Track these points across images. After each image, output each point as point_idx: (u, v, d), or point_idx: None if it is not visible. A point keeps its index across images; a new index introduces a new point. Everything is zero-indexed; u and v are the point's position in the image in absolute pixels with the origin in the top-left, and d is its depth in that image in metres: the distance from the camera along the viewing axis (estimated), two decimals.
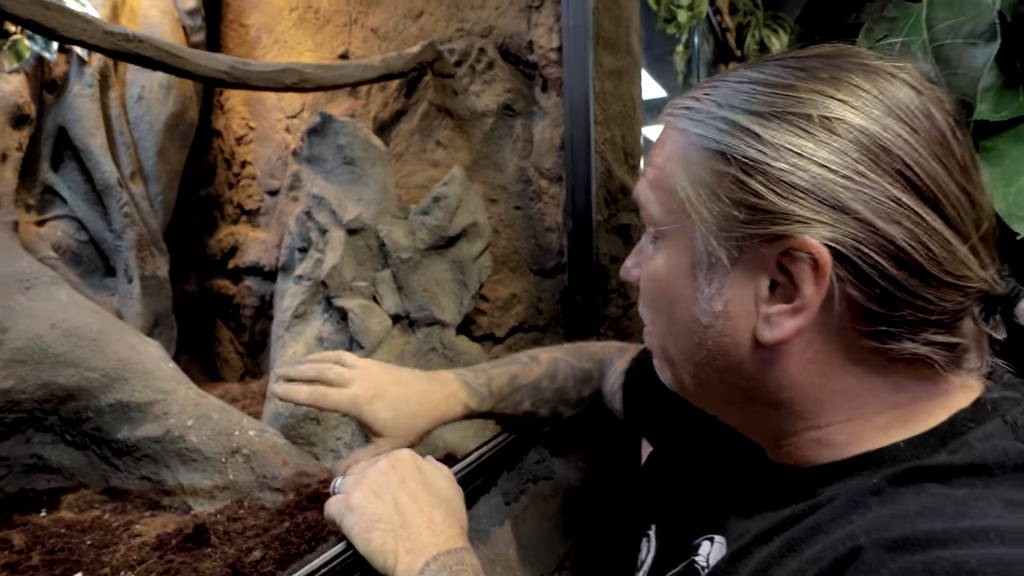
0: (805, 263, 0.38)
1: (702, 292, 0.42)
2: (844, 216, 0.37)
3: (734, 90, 0.42)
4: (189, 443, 0.86)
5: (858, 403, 0.41)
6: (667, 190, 0.44)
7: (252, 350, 1.48)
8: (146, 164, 1.28)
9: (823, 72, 0.40)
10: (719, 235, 0.41)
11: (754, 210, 0.39)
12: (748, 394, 0.44)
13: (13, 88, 1.15)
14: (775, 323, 0.40)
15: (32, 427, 0.90)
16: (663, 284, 0.45)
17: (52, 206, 1.21)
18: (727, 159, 0.40)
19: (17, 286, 0.97)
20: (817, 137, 0.38)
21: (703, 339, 0.43)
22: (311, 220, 1.09)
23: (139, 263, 1.20)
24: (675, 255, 0.44)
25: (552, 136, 1.11)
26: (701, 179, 0.41)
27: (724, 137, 0.40)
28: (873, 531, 0.34)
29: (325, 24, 1.39)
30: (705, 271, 0.42)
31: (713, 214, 0.41)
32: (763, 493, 0.47)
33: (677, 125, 0.44)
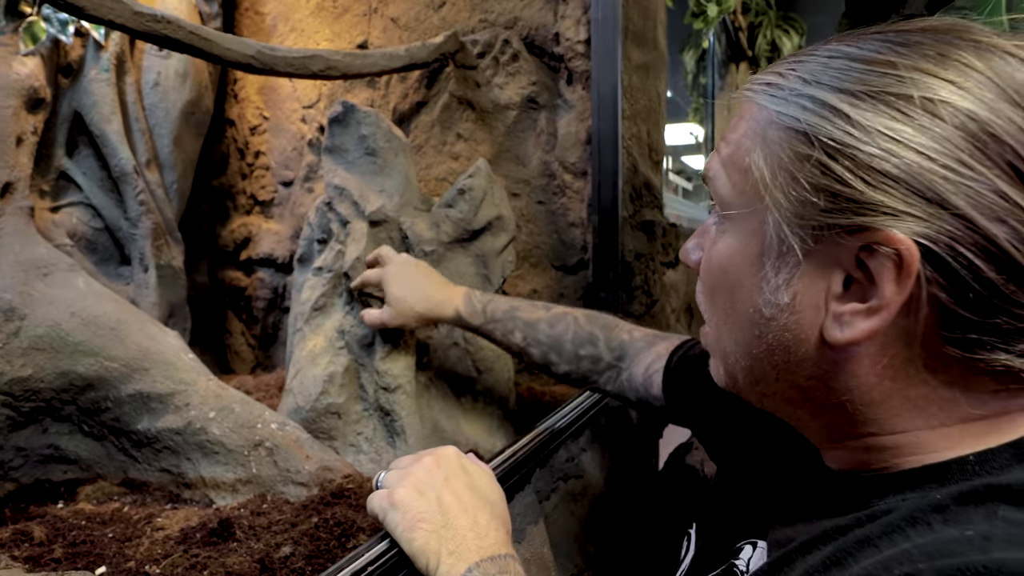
0: (888, 259, 0.35)
1: (768, 282, 0.39)
2: (940, 210, 0.33)
3: (824, 65, 0.38)
4: (211, 435, 0.85)
5: (930, 413, 0.38)
6: (741, 169, 0.40)
7: (264, 343, 1.46)
8: (162, 152, 1.27)
9: (928, 48, 0.36)
10: (794, 222, 0.37)
11: (836, 197, 0.35)
12: (807, 393, 0.41)
13: (29, 71, 1.13)
14: (847, 322, 0.37)
15: (49, 417, 0.89)
16: (725, 270, 0.42)
17: (67, 192, 1.19)
18: (811, 140, 0.36)
19: (35, 272, 0.95)
20: (917, 121, 0.34)
21: (764, 332, 0.40)
22: (332, 211, 1.08)
23: (155, 252, 1.19)
24: (742, 239, 0.41)
25: (578, 130, 1.10)
26: (779, 160, 0.38)
27: (809, 116, 0.37)
28: (935, 555, 0.31)
29: (344, 13, 1.37)
30: (774, 259, 0.39)
31: (790, 199, 0.37)
32: (811, 498, 0.45)
33: (757, 101, 0.40)
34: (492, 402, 1.01)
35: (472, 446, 0.93)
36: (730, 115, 0.46)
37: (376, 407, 0.93)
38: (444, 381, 0.98)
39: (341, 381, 0.95)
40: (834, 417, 0.41)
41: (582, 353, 0.81)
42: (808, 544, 0.40)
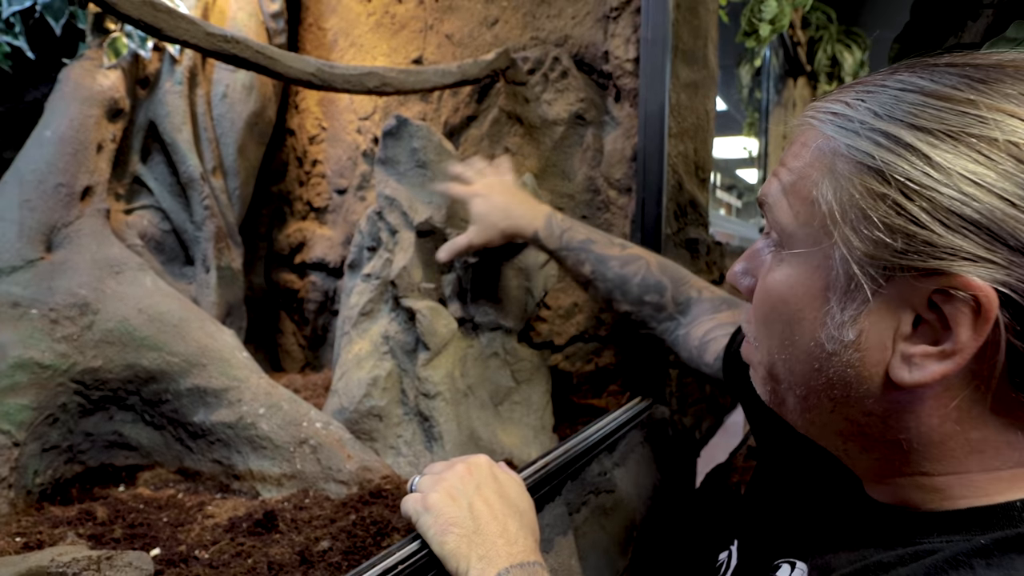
0: (966, 304, 0.34)
1: (833, 318, 0.38)
2: (1021, 258, 0.33)
3: (896, 99, 0.37)
4: (260, 430, 0.90)
5: (986, 456, 0.38)
6: (806, 200, 0.39)
7: (313, 343, 1.52)
8: (227, 159, 1.34)
9: (1010, 87, 0.34)
10: (864, 260, 0.36)
11: (912, 239, 0.35)
12: (862, 428, 0.41)
13: (110, 83, 1.22)
14: (917, 364, 0.36)
15: (115, 405, 0.95)
16: (785, 300, 0.41)
17: (139, 196, 1.27)
18: (885, 179, 0.35)
19: (108, 271, 1.02)
20: (1001, 166, 0.33)
21: (824, 366, 0.40)
22: (382, 220, 1.12)
23: (216, 254, 1.25)
24: (805, 272, 0.40)
25: (624, 147, 1.11)
26: (851, 196, 0.37)
27: (884, 153, 0.35)
28: None
29: (401, 29, 1.42)
30: (840, 295, 0.38)
31: (861, 237, 0.36)
32: (855, 528, 0.44)
33: (823, 131, 0.39)
34: (529, 412, 1.02)
35: (507, 455, 0.94)
36: (787, 138, 0.45)
37: (416, 412, 0.96)
38: (483, 390, 1.00)
39: (384, 385, 0.98)
40: (887, 453, 0.41)
41: (647, 299, 0.83)
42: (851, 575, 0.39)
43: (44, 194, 1.05)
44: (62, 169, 1.09)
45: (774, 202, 0.42)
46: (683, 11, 1.05)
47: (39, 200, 1.05)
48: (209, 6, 1.36)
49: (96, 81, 1.20)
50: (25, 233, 1.01)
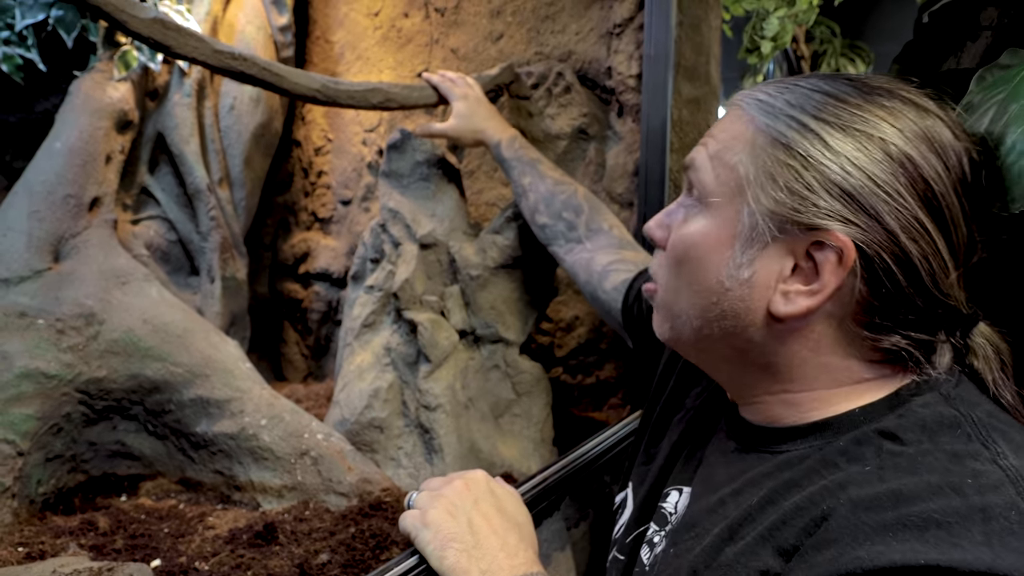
0: (833, 253, 0.44)
1: (735, 259, 0.48)
2: (876, 224, 0.44)
3: (807, 96, 0.48)
4: (262, 442, 0.90)
5: (833, 377, 0.48)
6: (727, 165, 0.49)
7: (316, 353, 1.52)
8: (233, 171, 1.35)
9: (886, 101, 0.46)
10: (767, 214, 0.46)
11: (804, 201, 0.45)
12: (743, 354, 0.50)
13: (120, 95, 1.24)
14: (791, 299, 0.46)
15: (119, 415, 0.96)
16: (696, 245, 0.50)
17: (147, 207, 1.29)
18: (791, 153, 0.46)
19: (114, 281, 1.03)
20: (872, 154, 0.44)
21: (720, 300, 0.49)
22: (385, 232, 1.13)
23: (221, 265, 1.27)
24: (718, 223, 0.49)
25: (626, 161, 1.11)
26: (763, 164, 0.47)
27: (792, 134, 0.46)
28: (847, 488, 0.41)
29: (407, 43, 1.43)
30: (743, 242, 0.48)
31: (767, 196, 0.46)
32: (732, 448, 0.53)
33: (749, 111, 0.49)
34: (529, 425, 1.03)
35: (507, 468, 0.95)
36: None
37: (417, 424, 0.96)
38: (483, 402, 1.01)
39: (385, 397, 0.99)
40: (759, 375, 0.50)
41: (564, 215, 0.93)
42: (737, 490, 0.49)
43: (53, 205, 1.07)
44: (71, 180, 1.10)
45: (700, 167, 0.51)
46: (686, 28, 1.06)
47: (48, 211, 1.06)
48: (218, 20, 1.38)
49: (106, 93, 1.22)
50: (33, 244, 1.02)
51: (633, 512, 0.61)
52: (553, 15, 1.21)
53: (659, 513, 0.56)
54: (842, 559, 0.37)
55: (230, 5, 1.42)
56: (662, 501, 0.57)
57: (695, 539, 0.49)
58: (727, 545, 0.45)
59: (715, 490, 0.51)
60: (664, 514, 0.56)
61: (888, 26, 2.02)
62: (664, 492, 0.57)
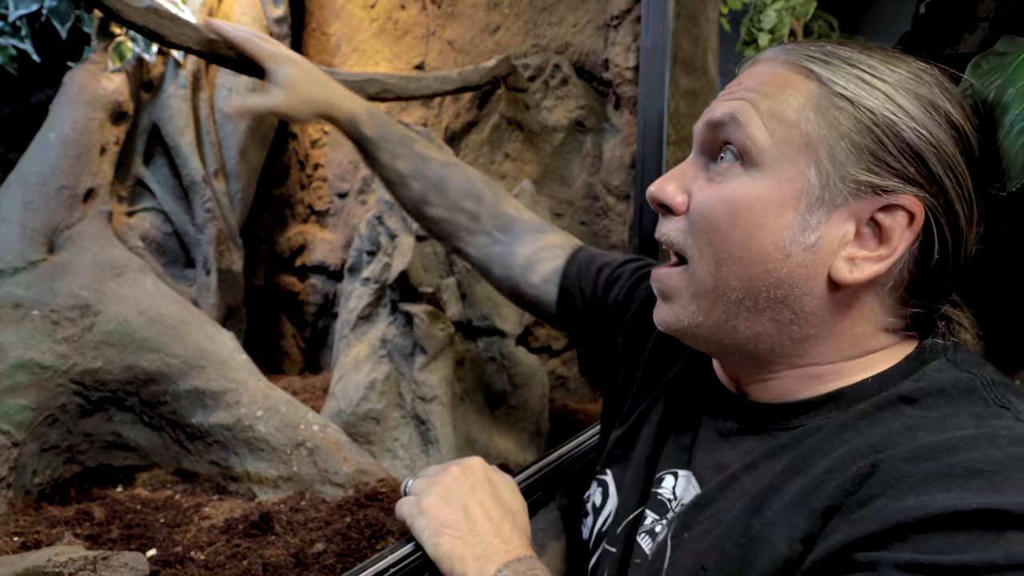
0: (903, 217, 0.44)
1: (800, 223, 0.45)
2: (938, 190, 0.44)
3: (860, 55, 0.46)
4: (258, 433, 0.90)
5: (858, 346, 0.47)
6: (785, 122, 0.46)
7: (313, 346, 1.52)
8: (228, 163, 1.35)
9: (941, 78, 0.47)
10: (843, 175, 0.44)
11: (880, 162, 0.44)
12: (783, 327, 0.47)
13: (115, 86, 1.23)
14: (858, 265, 0.45)
15: (115, 406, 0.96)
16: (749, 208, 0.46)
17: (142, 198, 1.28)
18: (861, 109, 0.44)
19: (109, 272, 1.03)
20: (937, 121, 0.44)
21: (777, 267, 0.46)
22: (382, 224, 1.13)
23: (217, 257, 1.26)
24: (775, 183, 0.46)
25: (623, 154, 1.11)
26: (833, 121, 0.45)
27: (859, 90, 0.45)
28: (883, 447, 0.40)
29: (403, 35, 1.43)
30: (810, 203, 0.45)
31: (844, 154, 0.44)
32: (734, 428, 0.51)
33: (799, 64, 0.47)
34: (525, 417, 1.03)
35: (503, 459, 0.95)
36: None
37: (413, 415, 0.96)
38: (479, 394, 1.01)
39: (381, 388, 0.99)
40: (790, 348, 0.48)
41: (464, 205, 0.77)
42: (751, 464, 0.47)
43: (47, 196, 1.06)
44: (65, 171, 1.10)
45: (746, 121, 0.47)
46: (683, 20, 1.06)
47: (42, 202, 1.06)
48: (214, 10, 1.37)
49: (100, 84, 1.21)
50: (27, 235, 1.01)
51: (619, 502, 0.58)
52: (550, 7, 1.21)
53: (655, 500, 0.54)
54: (888, 511, 0.37)
55: None
56: (656, 487, 0.55)
57: (712, 518, 0.48)
58: (753, 518, 0.44)
59: (723, 469, 0.50)
60: (662, 500, 0.54)
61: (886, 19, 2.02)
62: (656, 478, 0.55)
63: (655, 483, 0.55)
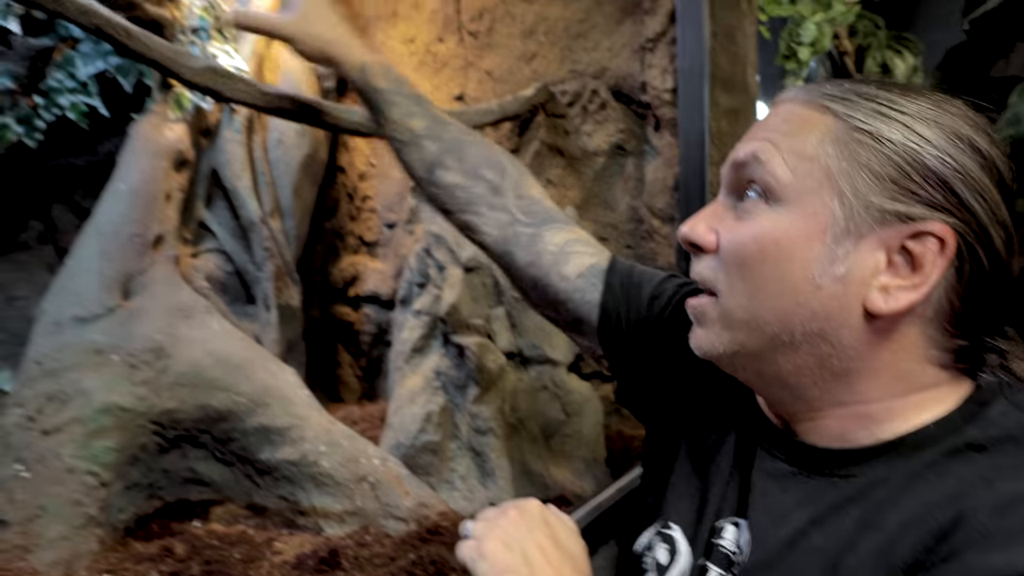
0: (933, 244, 0.43)
1: (827, 254, 0.45)
2: (969, 215, 0.43)
3: (875, 90, 0.47)
4: (322, 468, 0.94)
5: (906, 383, 0.46)
6: (806, 157, 0.46)
7: (369, 374, 1.57)
8: (283, 201, 1.41)
9: (950, 103, 0.47)
10: (863, 205, 0.44)
11: (904, 189, 0.44)
12: (822, 361, 0.47)
13: (176, 136, 1.30)
14: (892, 295, 0.44)
15: (189, 444, 1.01)
16: (777, 243, 0.47)
17: (205, 240, 1.35)
18: (882, 140, 0.45)
19: (179, 315, 1.09)
20: (961, 148, 0.44)
21: (809, 300, 0.46)
22: (430, 257, 1.16)
23: (276, 293, 1.32)
24: (801, 217, 0.46)
25: (665, 176, 1.11)
26: (852, 153, 0.45)
27: (878, 123, 0.45)
28: (960, 499, 0.40)
29: (443, 67, 1.47)
30: (837, 235, 0.45)
31: (865, 184, 0.45)
32: (787, 471, 0.50)
33: (817, 103, 0.48)
34: (580, 445, 1.04)
35: (560, 490, 0.96)
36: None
37: (469, 447, 0.98)
38: (534, 423, 1.02)
39: (437, 420, 1.01)
40: (833, 385, 0.47)
41: (484, 174, 0.69)
42: (819, 518, 0.46)
43: (120, 244, 1.13)
44: (135, 220, 1.17)
45: (768, 159, 0.47)
46: (720, 39, 1.05)
47: (115, 250, 1.13)
48: (263, 57, 1.44)
49: (163, 134, 1.28)
50: (104, 282, 1.08)
51: (688, 554, 0.56)
52: (585, 32, 1.22)
53: (717, 552, 0.52)
54: (973, 569, 0.37)
55: (273, 42, 1.48)
56: (716, 537, 0.53)
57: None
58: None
59: (784, 520, 0.48)
60: (724, 553, 0.51)
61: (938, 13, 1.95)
62: (715, 527, 0.53)
63: (715, 533, 0.53)
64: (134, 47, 0.78)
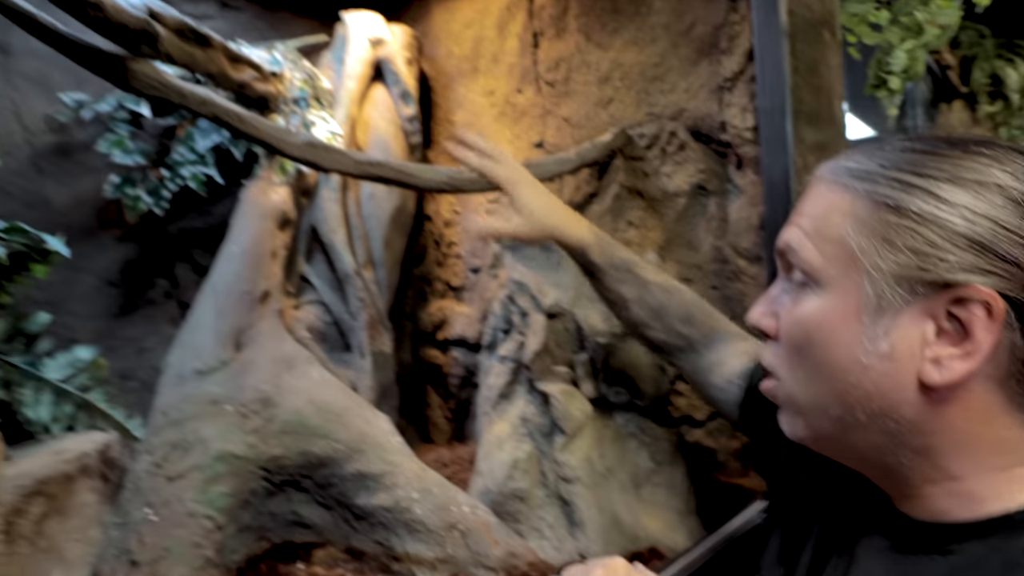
0: (979, 308, 0.41)
1: (867, 334, 0.45)
2: (1014, 268, 0.41)
3: (900, 156, 0.46)
4: (415, 515, 0.97)
5: (1005, 454, 0.44)
6: (832, 240, 0.47)
7: (458, 415, 1.60)
8: (375, 252, 1.49)
9: (986, 150, 0.45)
10: (892, 280, 0.44)
11: (930, 258, 0.43)
12: (895, 438, 0.46)
13: (280, 198, 1.42)
14: (945, 365, 0.43)
15: (293, 488, 1.08)
16: (820, 326, 0.47)
17: (306, 292, 1.45)
18: (902, 212, 0.44)
19: (284, 366, 1.17)
20: (992, 199, 0.42)
21: (861, 380, 0.45)
22: (513, 304, 1.18)
23: (369, 341, 1.39)
24: (837, 299, 0.47)
25: (749, 215, 1.09)
26: (873, 229, 0.45)
27: (898, 194, 0.44)
28: None
29: (522, 116, 1.51)
30: (872, 313, 0.45)
31: (887, 261, 0.44)
32: (887, 546, 0.49)
33: (839, 182, 0.48)
34: (673, 495, 1.01)
35: (652, 541, 0.93)
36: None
37: (556, 495, 0.98)
38: (623, 472, 1.01)
39: (524, 467, 1.02)
40: (917, 461, 0.46)
41: (681, 331, 0.84)
42: None
43: (233, 301, 1.24)
44: (246, 278, 1.28)
45: (799, 246, 0.49)
46: (802, 73, 1.03)
47: (229, 307, 1.23)
48: (355, 119, 1.54)
49: (269, 197, 1.40)
50: (220, 337, 1.19)
51: None
52: (661, 75, 1.22)
53: None
54: None
55: (364, 104, 1.59)
56: None
57: None
58: None
59: None
60: None
61: None
62: None
63: None
64: (245, 129, 0.86)
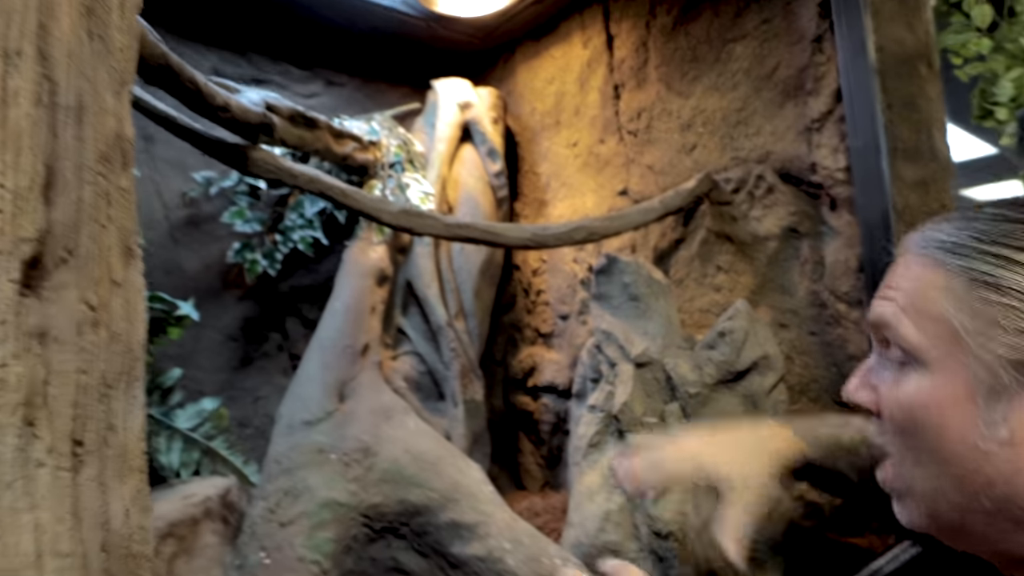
0: None
1: (984, 419, 0.42)
2: None
3: (993, 227, 0.44)
4: (507, 565, 0.98)
5: None
6: (932, 317, 0.45)
7: (550, 462, 1.61)
8: (466, 304, 1.55)
9: None
10: (1004, 362, 0.41)
11: None
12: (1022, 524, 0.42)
13: (379, 256, 1.51)
14: None
15: (392, 535, 1.12)
16: (926, 408, 0.45)
17: (402, 344, 1.52)
18: (1003, 291, 0.42)
19: (382, 416, 1.23)
20: None
21: (981, 467, 0.43)
22: (601, 353, 1.19)
23: (462, 390, 1.43)
24: (943, 380, 0.44)
25: (847, 257, 1.04)
26: (975, 310, 0.43)
27: (997, 271, 0.42)
28: None
29: (605, 166, 1.54)
30: (986, 397, 0.42)
31: (996, 342, 0.42)
32: None
33: (931, 255, 0.46)
34: (778, 552, 0.96)
35: None
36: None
37: (650, 550, 0.96)
38: None
39: (616, 520, 1.01)
40: None
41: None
42: None
43: (336, 355, 1.33)
44: (349, 333, 1.37)
45: (895, 323, 0.46)
46: (896, 109, 0.99)
47: (333, 360, 1.32)
48: (446, 179, 1.63)
49: (368, 256, 1.50)
50: (325, 390, 1.27)
51: None
52: (745, 119, 1.21)
53: None
54: None
55: (454, 163, 1.68)
56: None
57: None
58: None
59: None
60: None
61: None
62: None
63: None
64: (347, 202, 0.95)
